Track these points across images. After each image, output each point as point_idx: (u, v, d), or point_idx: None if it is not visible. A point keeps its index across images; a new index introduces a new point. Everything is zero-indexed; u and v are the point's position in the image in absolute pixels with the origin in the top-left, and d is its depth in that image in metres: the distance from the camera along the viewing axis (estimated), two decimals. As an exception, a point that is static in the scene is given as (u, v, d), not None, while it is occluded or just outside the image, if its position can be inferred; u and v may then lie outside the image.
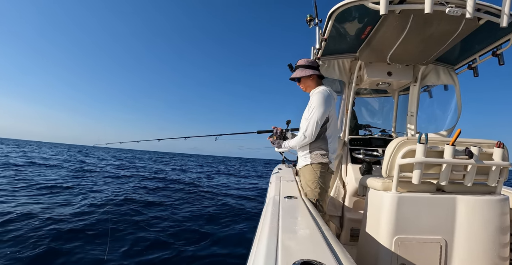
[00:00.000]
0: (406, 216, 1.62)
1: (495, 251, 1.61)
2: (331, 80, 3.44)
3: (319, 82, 2.27)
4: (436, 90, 3.55)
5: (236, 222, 5.68)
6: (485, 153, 1.69)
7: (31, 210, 5.25)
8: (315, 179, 2.07)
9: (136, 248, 3.93)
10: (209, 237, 4.59)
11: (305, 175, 2.14)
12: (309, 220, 1.27)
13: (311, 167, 2.10)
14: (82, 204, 6.11)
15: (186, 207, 6.75)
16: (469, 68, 2.97)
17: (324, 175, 2.10)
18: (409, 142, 1.70)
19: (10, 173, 10.21)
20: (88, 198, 6.83)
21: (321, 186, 2.07)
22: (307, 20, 2.81)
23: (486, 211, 1.63)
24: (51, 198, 6.62)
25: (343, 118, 3.40)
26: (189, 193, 8.60)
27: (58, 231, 4.23)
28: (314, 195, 2.04)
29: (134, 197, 7.17)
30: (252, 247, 1.03)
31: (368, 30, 2.52)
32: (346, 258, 0.86)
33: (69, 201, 6.45)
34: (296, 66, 2.30)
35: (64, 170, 12.97)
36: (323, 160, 2.10)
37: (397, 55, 2.77)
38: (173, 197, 7.90)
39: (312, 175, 2.09)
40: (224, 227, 5.24)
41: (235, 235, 4.79)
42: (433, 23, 2.12)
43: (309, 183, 2.09)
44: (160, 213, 5.92)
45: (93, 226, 4.64)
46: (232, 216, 6.10)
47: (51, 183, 8.46)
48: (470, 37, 2.35)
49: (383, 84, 3.35)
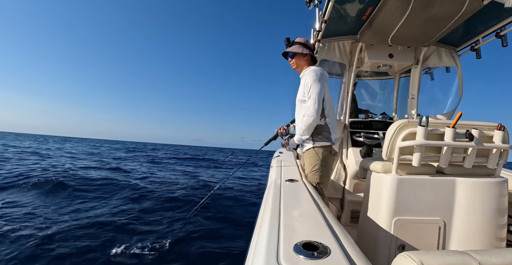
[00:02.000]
0: (405, 198, 1.64)
1: (493, 232, 1.64)
2: (332, 62, 3.40)
3: (311, 64, 2.22)
4: (437, 72, 3.51)
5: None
6: (485, 136, 1.69)
7: None
8: (317, 162, 2.05)
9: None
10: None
11: (306, 158, 2.13)
12: (310, 202, 1.29)
13: (313, 151, 2.08)
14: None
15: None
16: (472, 50, 2.92)
17: (326, 158, 2.08)
18: (410, 124, 1.70)
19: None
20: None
21: (322, 170, 2.06)
22: (306, 1, 2.73)
23: (485, 193, 1.64)
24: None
25: (344, 101, 3.38)
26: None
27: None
28: (315, 178, 2.04)
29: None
30: (254, 229, 1.06)
31: (369, 11, 2.46)
32: (346, 239, 0.88)
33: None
34: (294, 42, 2.23)
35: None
36: (326, 142, 2.07)
37: (399, 37, 2.71)
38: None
39: (314, 158, 2.07)
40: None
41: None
42: (436, 3, 2.07)
43: (310, 167, 2.08)
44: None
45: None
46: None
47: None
48: (474, 18, 2.30)
49: (384, 67, 3.31)
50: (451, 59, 3.14)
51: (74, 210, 5.06)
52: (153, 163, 15.57)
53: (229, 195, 6.89)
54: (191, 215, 4.81)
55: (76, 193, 6.41)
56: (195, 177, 9.95)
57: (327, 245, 0.78)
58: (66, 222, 4.34)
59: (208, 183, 8.59)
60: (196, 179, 9.53)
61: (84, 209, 5.13)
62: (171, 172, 11.64)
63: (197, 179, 9.54)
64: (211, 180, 9.34)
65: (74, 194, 6.27)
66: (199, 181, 8.97)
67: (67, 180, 7.38)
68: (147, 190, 7.00)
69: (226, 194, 6.98)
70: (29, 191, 6.31)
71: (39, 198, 5.76)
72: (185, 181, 8.92)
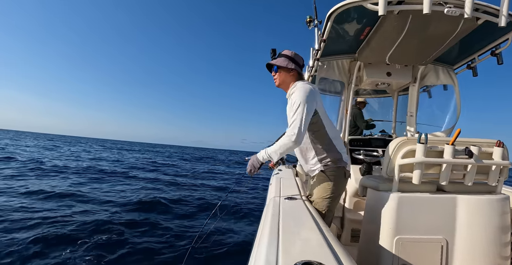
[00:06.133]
0: (406, 216, 1.62)
1: (496, 250, 1.60)
2: (331, 80, 3.45)
3: (297, 80, 1.90)
4: (435, 90, 3.56)
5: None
6: (485, 153, 1.69)
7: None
8: (328, 187, 1.78)
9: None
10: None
11: (316, 183, 1.84)
12: (310, 221, 1.26)
13: (324, 175, 1.80)
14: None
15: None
16: (468, 68, 2.96)
17: (339, 183, 1.80)
18: (409, 142, 1.70)
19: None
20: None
21: (332, 196, 1.78)
22: (306, 21, 2.81)
23: (487, 210, 1.62)
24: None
25: (343, 118, 3.40)
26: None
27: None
28: (324, 206, 1.79)
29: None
30: (252, 248, 1.03)
31: (367, 31, 2.52)
32: (347, 259, 0.85)
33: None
34: (280, 54, 1.94)
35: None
36: (338, 164, 1.80)
37: (396, 56, 2.77)
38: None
39: (325, 183, 1.79)
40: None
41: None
42: (432, 24, 2.12)
43: (319, 193, 1.81)
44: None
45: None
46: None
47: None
48: (469, 37, 2.35)
49: (382, 85, 3.35)
50: (448, 77, 3.19)
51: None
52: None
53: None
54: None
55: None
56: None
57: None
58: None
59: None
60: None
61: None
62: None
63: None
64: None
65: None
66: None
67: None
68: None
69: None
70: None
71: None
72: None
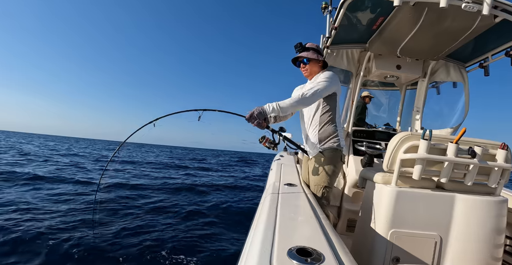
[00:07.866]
0: (403, 211, 1.63)
1: (489, 251, 1.62)
2: (339, 70, 3.40)
3: (323, 69, 2.15)
4: (444, 87, 3.49)
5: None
6: (488, 154, 1.68)
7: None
8: (333, 164, 1.93)
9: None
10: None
11: (320, 158, 1.97)
12: (307, 208, 1.28)
13: (333, 152, 1.95)
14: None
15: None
16: (480, 67, 2.90)
17: (338, 163, 1.96)
18: (413, 137, 1.69)
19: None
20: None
21: (332, 173, 1.93)
22: (322, 7, 2.74)
23: (484, 211, 1.63)
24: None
25: (348, 108, 3.38)
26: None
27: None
28: (325, 180, 1.92)
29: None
30: (249, 232, 1.05)
31: (380, 21, 2.46)
32: (341, 248, 0.87)
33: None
34: (306, 47, 2.11)
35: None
36: (337, 147, 1.95)
37: (408, 49, 2.71)
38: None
39: (330, 159, 1.94)
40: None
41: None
42: (448, 18, 2.06)
43: (323, 168, 1.94)
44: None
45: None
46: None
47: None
48: (484, 35, 2.29)
49: (391, 77, 3.30)
50: (459, 74, 3.12)
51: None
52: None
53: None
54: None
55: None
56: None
57: (321, 252, 0.78)
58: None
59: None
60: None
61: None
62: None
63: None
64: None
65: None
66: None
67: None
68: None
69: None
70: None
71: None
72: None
